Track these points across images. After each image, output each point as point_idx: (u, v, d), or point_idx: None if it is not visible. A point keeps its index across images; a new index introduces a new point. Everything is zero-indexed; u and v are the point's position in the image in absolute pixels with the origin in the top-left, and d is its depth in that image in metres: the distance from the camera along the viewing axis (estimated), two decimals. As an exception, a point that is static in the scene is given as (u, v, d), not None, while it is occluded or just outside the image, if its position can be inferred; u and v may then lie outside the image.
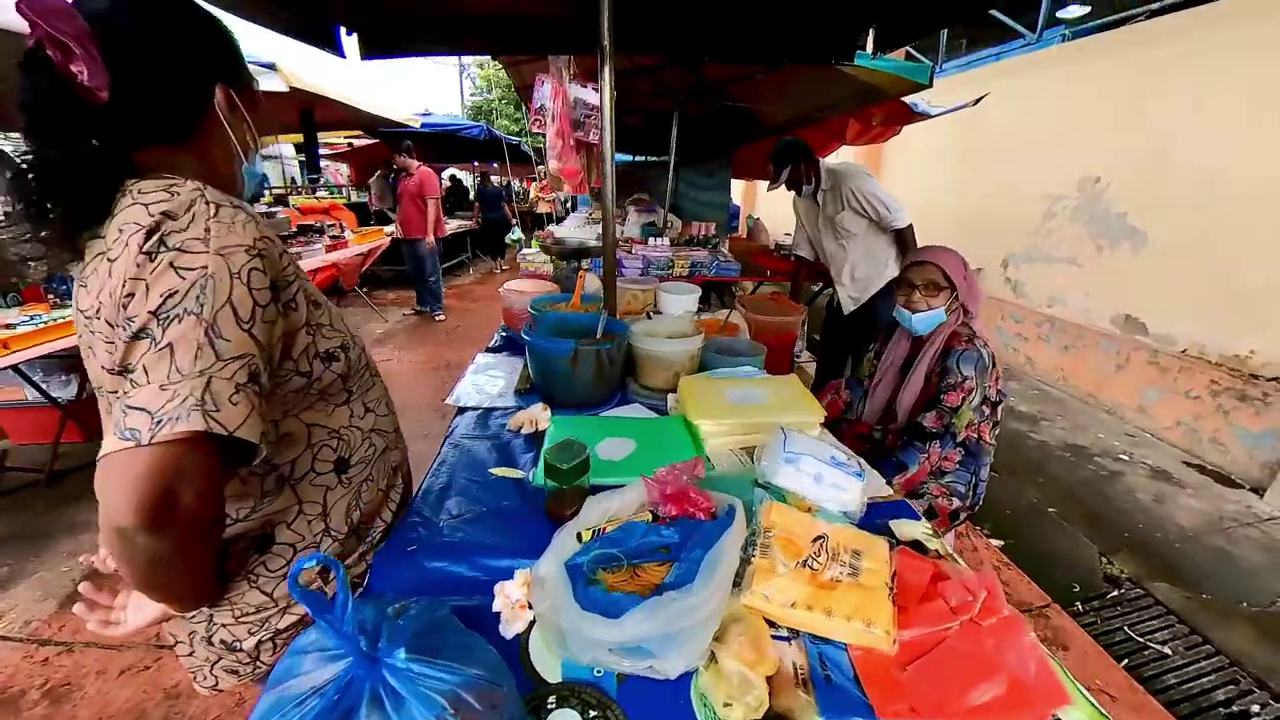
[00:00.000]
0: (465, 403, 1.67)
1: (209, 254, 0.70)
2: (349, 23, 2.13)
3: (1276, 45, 3.80)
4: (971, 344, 1.79)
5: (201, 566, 0.81)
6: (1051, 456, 4.13)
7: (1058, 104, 5.33)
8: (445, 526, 1.14)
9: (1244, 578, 2.88)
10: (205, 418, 0.65)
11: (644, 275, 3.65)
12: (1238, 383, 3.91)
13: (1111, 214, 4.88)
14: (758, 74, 3.87)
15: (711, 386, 1.49)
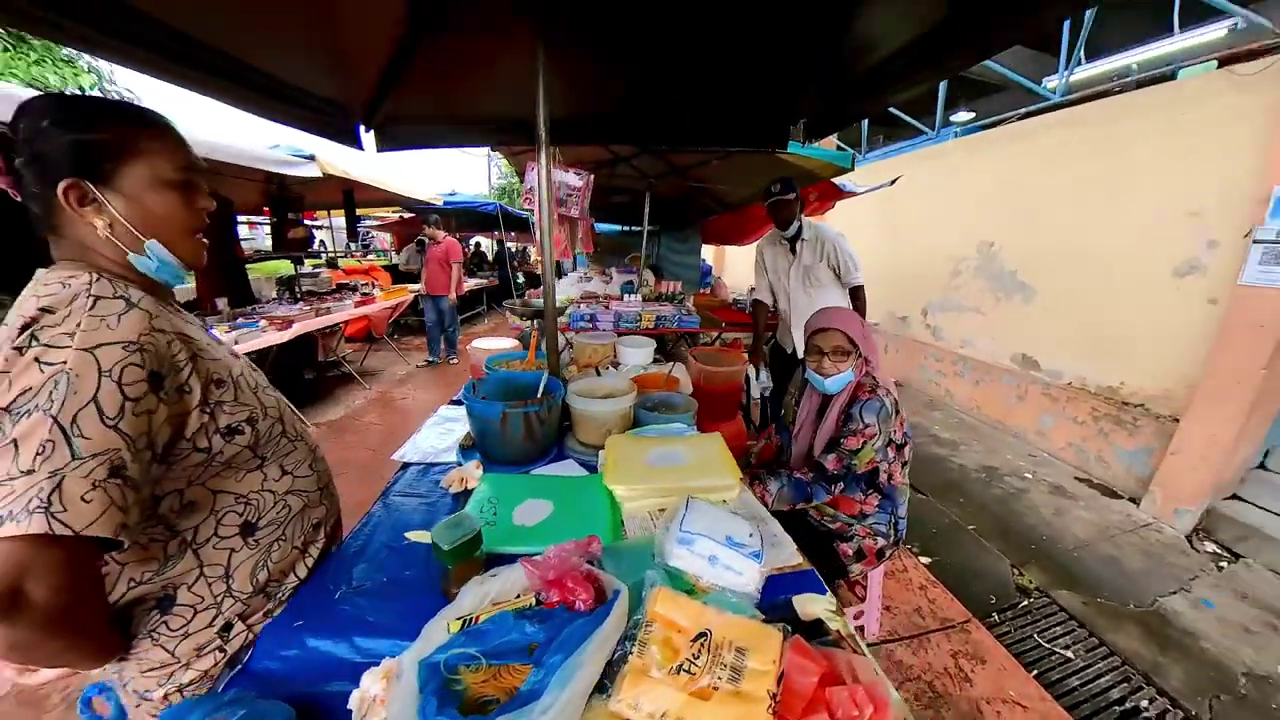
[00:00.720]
0: (409, 458, 1.45)
1: (73, 349, 0.63)
2: (366, 122, 2.17)
3: (1097, 144, 4.19)
4: (874, 394, 1.64)
5: (83, 641, 0.71)
6: (969, 478, 3.96)
7: (957, 184, 5.55)
8: (340, 597, 0.91)
9: (1129, 580, 2.78)
10: (48, 518, 0.58)
11: (616, 328, 3.45)
12: (1113, 409, 3.96)
13: (1005, 271, 5.00)
14: (713, 160, 3.92)
15: (635, 447, 1.29)
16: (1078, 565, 2.87)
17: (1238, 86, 3.28)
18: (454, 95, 2.17)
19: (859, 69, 1.74)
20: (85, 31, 1.10)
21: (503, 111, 2.35)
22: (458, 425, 1.67)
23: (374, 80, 1.92)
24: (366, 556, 1.03)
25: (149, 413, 0.68)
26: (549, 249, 1.70)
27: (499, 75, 1.99)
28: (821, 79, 1.96)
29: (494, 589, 0.79)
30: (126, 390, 0.65)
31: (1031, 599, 2.57)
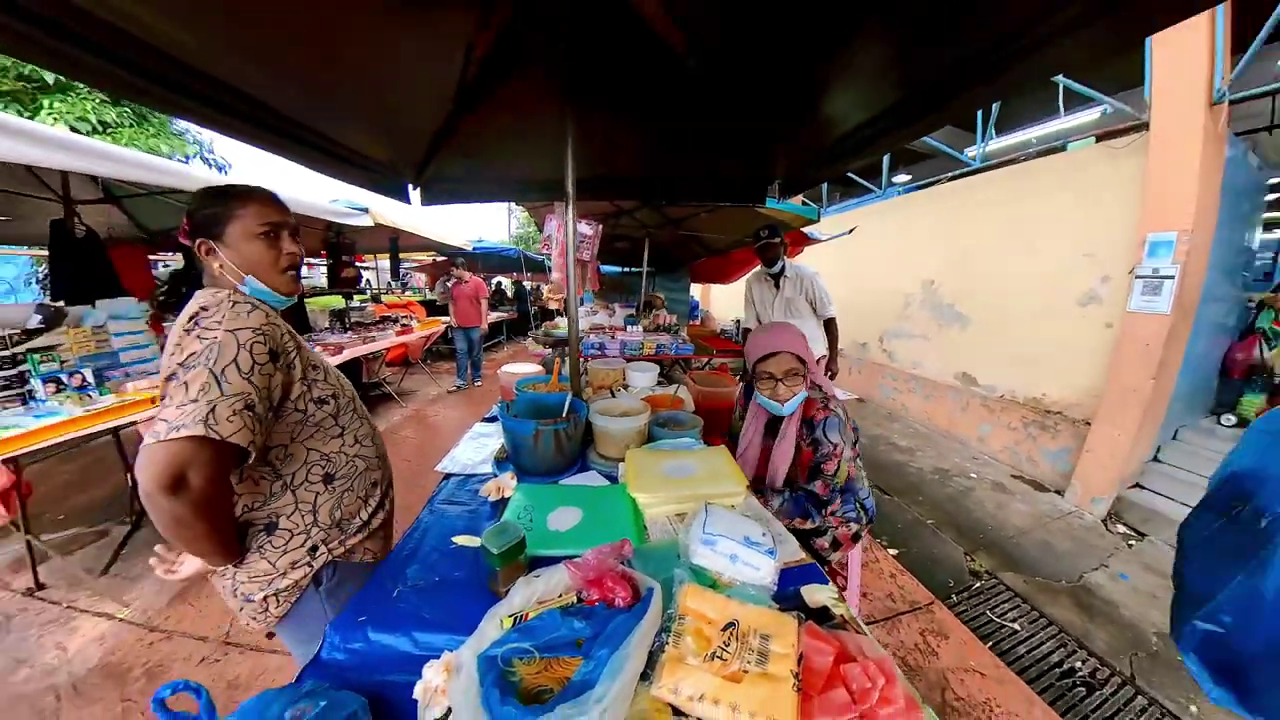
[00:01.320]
0: (450, 470, 1.42)
1: (221, 330, 0.81)
2: (413, 182, 2.23)
3: (1009, 200, 4.41)
4: (828, 409, 1.42)
5: (216, 532, 0.85)
6: (925, 479, 3.93)
7: (901, 233, 5.72)
8: (398, 595, 0.88)
9: (1059, 560, 2.82)
10: (205, 427, 0.74)
11: (622, 354, 3.44)
12: (1038, 416, 4.04)
13: (944, 304, 5.10)
14: (702, 212, 4.01)
15: (652, 460, 1.24)
16: (1018, 550, 2.89)
17: (1112, 156, 3.56)
18: (487, 159, 2.21)
19: (825, 142, 1.80)
20: (192, 105, 1.15)
21: (527, 173, 2.41)
22: (491, 440, 1.63)
23: (424, 147, 1.94)
24: (419, 559, 0.99)
25: (269, 375, 0.85)
26: (573, 289, 1.70)
27: (525, 144, 2.04)
28: (794, 149, 2.02)
29: (540, 588, 0.76)
30: (255, 357, 0.82)
31: (982, 581, 2.57)
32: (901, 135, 1.47)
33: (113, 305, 2.85)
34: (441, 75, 1.41)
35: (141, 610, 2.23)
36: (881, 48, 1.22)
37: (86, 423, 2.28)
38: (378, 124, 1.70)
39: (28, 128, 1.77)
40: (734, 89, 1.51)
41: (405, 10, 1.04)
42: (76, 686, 1.83)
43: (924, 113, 1.33)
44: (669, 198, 2.94)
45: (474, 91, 1.53)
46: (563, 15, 1.19)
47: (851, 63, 1.28)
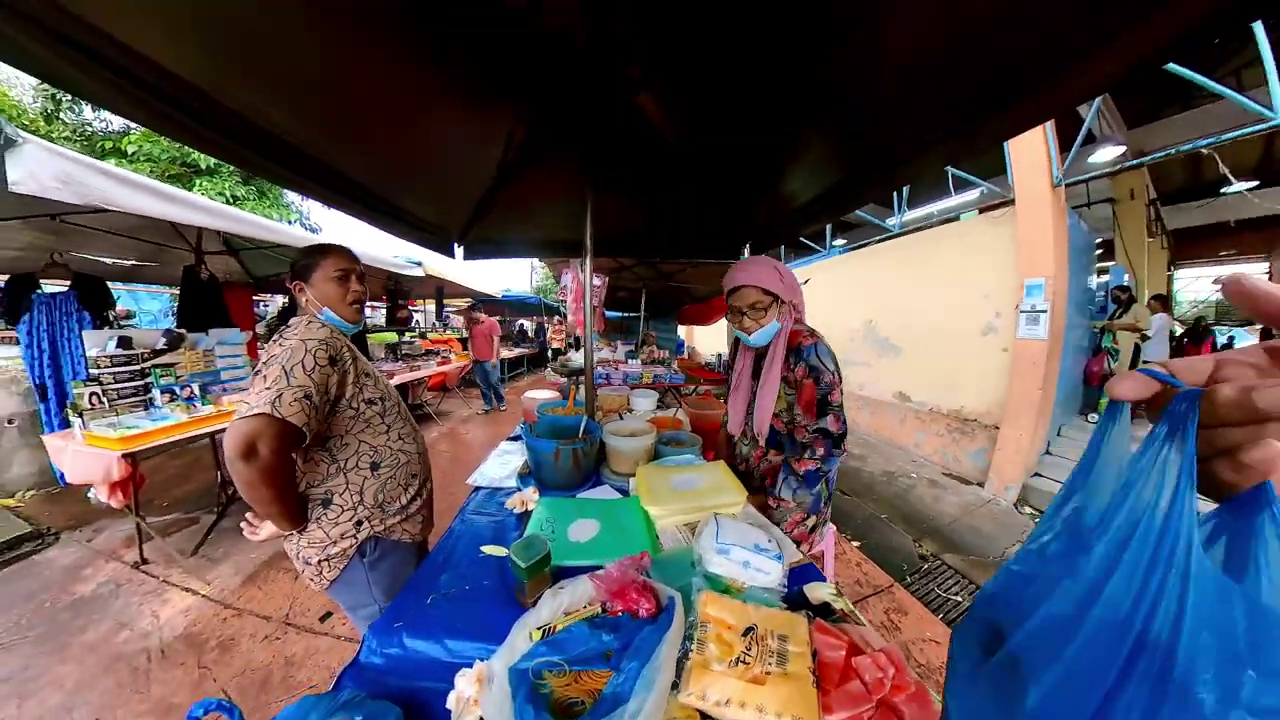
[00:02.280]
0: (479, 483, 1.31)
1: (294, 339, 0.88)
2: (459, 241, 2.25)
3: (923, 257, 4.54)
4: (815, 336, 1.13)
5: (280, 498, 0.87)
6: (876, 481, 3.82)
7: (844, 283, 5.82)
8: (431, 602, 0.77)
9: (987, 540, 2.78)
10: (273, 408, 0.80)
11: (624, 383, 3.36)
12: (959, 424, 4.07)
13: (881, 338, 5.14)
14: (688, 268, 3.97)
15: (660, 475, 1.12)
16: (954, 534, 2.82)
17: (992, 223, 3.83)
18: (518, 222, 2.22)
19: (786, 210, 1.83)
20: (296, 177, 1.16)
21: (549, 234, 2.43)
22: (514, 457, 1.52)
23: (468, 212, 1.96)
24: (450, 567, 0.88)
25: (327, 374, 0.89)
26: (590, 328, 1.64)
27: (548, 210, 2.06)
28: (763, 216, 2.06)
29: (565, 600, 0.66)
30: (318, 360, 0.88)
31: (929, 563, 2.49)
32: (843, 207, 1.53)
33: (221, 334, 2.91)
34: (487, 156, 1.46)
35: (219, 589, 2.17)
36: (824, 143, 1.28)
37: (189, 427, 2.31)
38: (434, 193, 1.73)
39: (184, 196, 2.01)
40: (713, 169, 1.56)
41: (463, 109, 1.14)
42: (164, 651, 1.79)
43: (856, 192, 1.40)
44: (661, 254, 2.96)
45: (511, 169, 1.56)
46: (582, 115, 1.24)
47: (804, 153, 1.35)
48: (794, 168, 1.48)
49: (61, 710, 1.51)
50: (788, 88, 1.00)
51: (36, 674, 1.66)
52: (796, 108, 1.08)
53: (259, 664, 1.68)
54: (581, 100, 1.16)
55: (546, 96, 1.15)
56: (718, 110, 1.15)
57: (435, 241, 2.11)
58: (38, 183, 1.39)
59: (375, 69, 0.92)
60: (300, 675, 1.61)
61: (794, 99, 1.04)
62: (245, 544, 2.49)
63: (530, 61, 0.98)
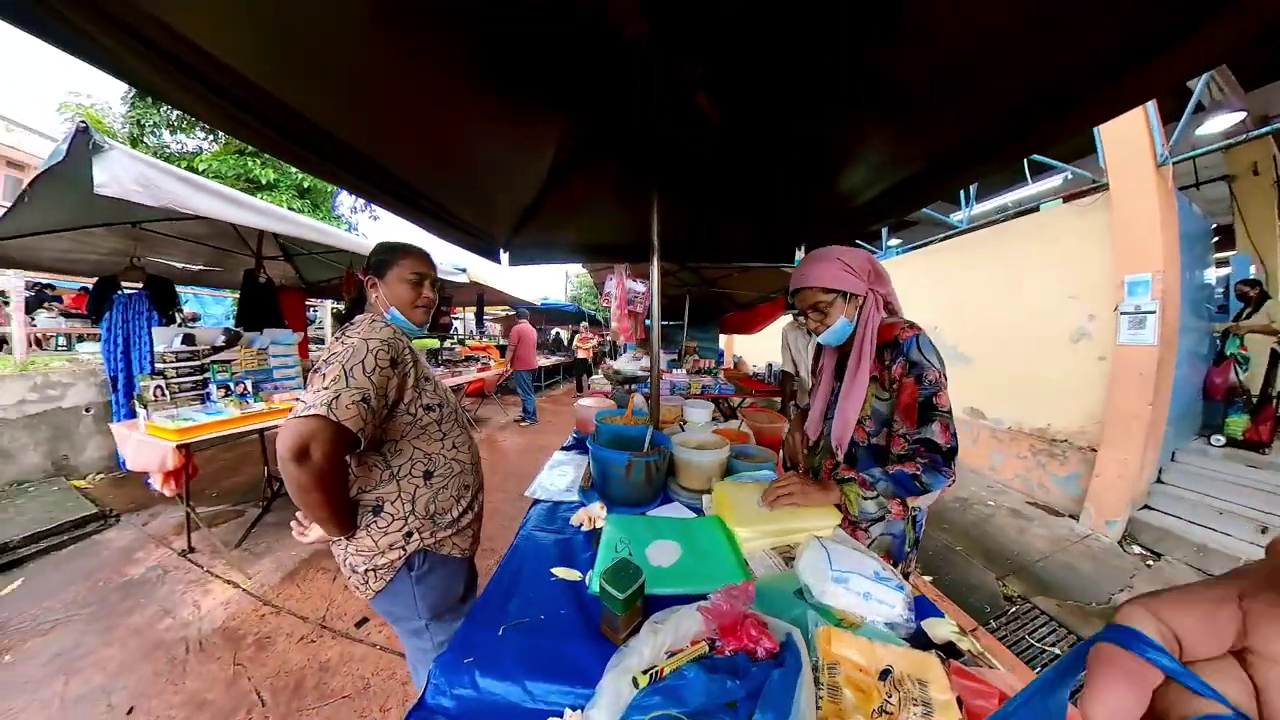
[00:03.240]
0: (539, 496, 1.26)
1: (356, 338, 0.86)
2: (504, 247, 2.32)
3: (995, 254, 4.26)
4: (916, 329, 0.97)
5: (330, 503, 0.85)
6: (948, 508, 3.49)
7: (902, 286, 5.30)
8: (503, 634, 0.70)
9: (1086, 582, 2.47)
10: (329, 410, 0.77)
11: (672, 394, 3.30)
12: (1045, 445, 3.71)
13: (948, 346, 4.79)
14: (734, 272, 3.90)
15: (742, 493, 1.02)
16: (1045, 574, 2.52)
17: (1079, 213, 3.49)
18: (565, 227, 2.26)
19: (846, 209, 1.75)
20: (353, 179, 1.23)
21: (596, 238, 2.45)
22: (569, 468, 1.47)
23: (516, 217, 2.01)
24: (519, 591, 0.81)
25: (387, 377, 0.87)
26: (656, 334, 1.59)
27: (595, 215, 2.10)
28: (819, 216, 1.98)
29: (668, 637, 0.58)
30: (379, 362, 0.85)
31: (1017, 605, 2.22)
32: (908, 205, 1.44)
33: (275, 334, 3.12)
34: (538, 160, 1.48)
35: (259, 584, 2.23)
36: (889, 136, 1.22)
37: (241, 422, 2.43)
38: (484, 198, 1.78)
39: (247, 200, 2.17)
40: (768, 168, 1.53)
41: (518, 112, 1.17)
42: (202, 643, 1.84)
43: (924, 188, 1.34)
44: (710, 258, 2.89)
45: (561, 172, 1.60)
46: (640, 116, 1.25)
47: (866, 147, 1.31)
48: (854, 164, 1.42)
49: (101, 693, 1.58)
50: (848, 74, 0.95)
51: (85, 653, 1.77)
52: (858, 97, 1.02)
53: (293, 666, 1.70)
54: (640, 102, 1.16)
55: (604, 98, 1.16)
56: (775, 104, 1.12)
57: (482, 246, 2.18)
58: (120, 185, 1.52)
59: (436, 78, 0.97)
60: (334, 683, 1.61)
61: (855, 87, 0.98)
62: (287, 540, 2.57)
63: (589, 64, 1.00)
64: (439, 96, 1.05)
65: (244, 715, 1.49)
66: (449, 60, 0.93)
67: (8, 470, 3.28)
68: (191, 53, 0.73)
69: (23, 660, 1.73)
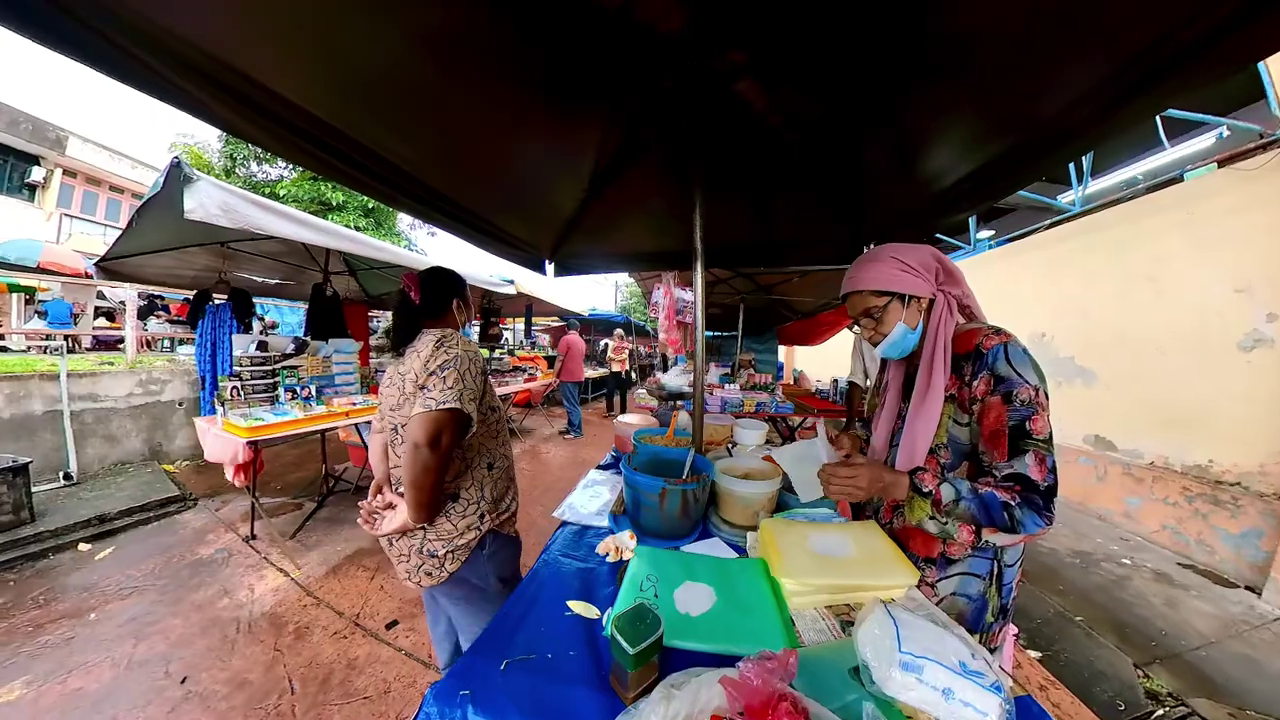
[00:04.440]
0: (567, 518, 1.25)
1: (459, 348, 1.05)
2: (550, 258, 2.42)
3: (1123, 241, 3.69)
4: (1003, 335, 0.82)
5: (437, 488, 1.00)
6: (1063, 563, 2.94)
7: (998, 287, 4.87)
8: (506, 669, 0.67)
9: (1275, 684, 1.88)
10: (460, 404, 0.97)
11: (723, 411, 3.18)
12: (1207, 489, 2.96)
13: (1060, 358, 4.14)
14: (793, 278, 3.72)
15: (794, 534, 0.91)
16: (1210, 667, 1.97)
17: (1246, 180, 2.85)
18: (609, 237, 2.33)
19: (919, 200, 1.59)
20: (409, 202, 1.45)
21: (640, 246, 2.49)
22: (604, 490, 1.44)
23: (560, 229, 2.12)
24: (531, 623, 0.78)
25: (482, 382, 1.07)
26: (701, 347, 1.53)
27: (639, 222, 2.13)
28: (889, 209, 1.82)
29: (681, 709, 0.51)
30: (479, 369, 1.06)
31: (1166, 708, 1.74)
32: (995, 190, 1.30)
33: (338, 343, 3.53)
34: (579, 168, 1.56)
35: (306, 575, 2.45)
36: (968, 109, 1.09)
37: (304, 423, 2.74)
38: (528, 211, 1.94)
39: (315, 221, 2.49)
40: (827, 159, 1.45)
41: (557, 119, 1.27)
42: (250, 625, 2.04)
43: (1016, 169, 1.19)
44: (765, 263, 2.78)
45: (603, 178, 1.66)
46: (680, 111, 1.26)
47: (941, 125, 1.18)
48: (929, 145, 1.29)
49: (161, 660, 1.83)
50: (918, 41, 0.87)
51: (154, 620, 2.06)
52: (932, 65, 0.93)
53: (324, 659, 1.84)
54: (679, 95, 1.16)
55: (641, 97, 1.19)
56: (832, 84, 1.07)
57: (528, 258, 2.33)
58: (205, 210, 1.83)
59: (483, 104, 1.14)
60: (359, 682, 1.73)
61: (927, 54, 0.90)
62: (335, 536, 2.87)
63: (622, 63, 1.03)
64: (486, 119, 1.22)
65: (276, 700, 1.64)
66: (494, 82, 1.07)
67: (114, 452, 3.99)
68: (267, 97, 0.94)
69: (104, 620, 2.03)
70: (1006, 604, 0.87)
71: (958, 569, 0.86)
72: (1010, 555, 0.86)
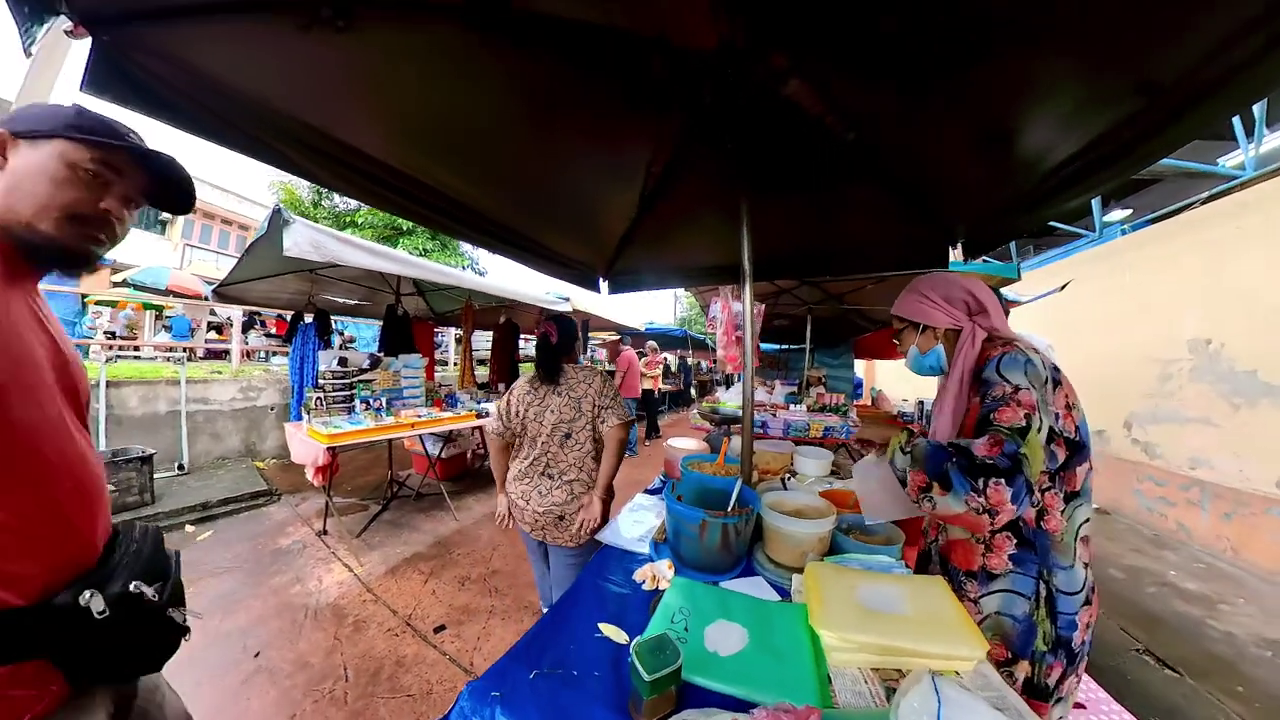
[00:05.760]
0: (609, 541, 1.31)
1: (604, 374, 1.63)
2: (605, 276, 2.57)
3: None
4: (1010, 346, 0.93)
5: (616, 468, 1.65)
6: (1246, 655, 2.34)
7: (1138, 282, 4.20)
8: (535, 678, 0.75)
9: None
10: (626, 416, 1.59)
11: (786, 434, 3.08)
12: None
13: (1237, 373, 3.41)
14: (867, 285, 3.51)
15: (841, 582, 0.87)
16: None
17: None
18: (662, 253, 2.42)
19: (1015, 189, 1.40)
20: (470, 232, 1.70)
21: (694, 262, 2.55)
22: (649, 515, 1.48)
23: (613, 248, 2.26)
24: (563, 639, 0.86)
25: None
26: (749, 366, 1.54)
27: (692, 236, 2.19)
28: (977, 202, 1.63)
29: None
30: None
31: None
32: (1132, 160, 1.06)
33: (407, 359, 4.04)
34: (630, 188, 1.70)
35: (367, 572, 2.79)
36: (1074, 69, 0.94)
37: (375, 432, 3.21)
38: (583, 235, 2.13)
39: (388, 252, 2.98)
40: (896, 154, 1.39)
41: (606, 144, 1.42)
42: (316, 613, 2.36)
43: (1170, 124, 0.94)
44: (832, 272, 2.67)
45: (653, 197, 1.76)
46: (725, 125, 1.31)
47: (1038, 94, 1.04)
48: (1024, 118, 1.12)
49: (240, 634, 2.18)
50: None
51: (238, 599, 2.46)
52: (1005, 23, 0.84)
53: (377, 654, 2.07)
54: (723, 107, 1.21)
55: (685, 110, 1.27)
56: (892, 70, 1.02)
57: (582, 278, 2.53)
58: (299, 248, 2.32)
59: (532, 137, 1.29)
60: (405, 680, 1.92)
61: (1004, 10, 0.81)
62: (395, 539, 3.24)
63: (663, 80, 1.10)
64: (540, 151, 1.38)
65: (331, 685, 1.87)
66: (545, 118, 1.22)
67: (217, 448, 4.91)
68: (350, 154, 1.18)
69: (200, 594, 2.47)
70: (1068, 638, 0.88)
71: (1000, 585, 0.91)
72: (1064, 580, 0.88)
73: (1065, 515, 0.88)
